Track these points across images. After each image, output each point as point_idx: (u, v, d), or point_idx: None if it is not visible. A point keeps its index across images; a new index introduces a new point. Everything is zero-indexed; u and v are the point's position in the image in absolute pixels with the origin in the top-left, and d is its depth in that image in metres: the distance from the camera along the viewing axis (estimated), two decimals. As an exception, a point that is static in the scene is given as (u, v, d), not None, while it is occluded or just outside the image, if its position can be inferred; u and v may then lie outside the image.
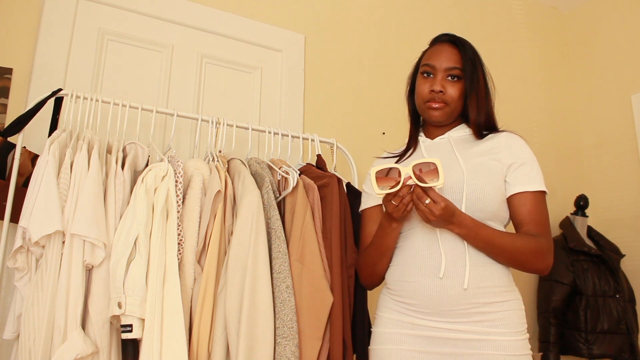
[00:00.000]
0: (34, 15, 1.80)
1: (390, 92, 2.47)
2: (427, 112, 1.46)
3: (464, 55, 1.45)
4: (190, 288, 1.41)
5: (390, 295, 1.41)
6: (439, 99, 1.43)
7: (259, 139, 1.99)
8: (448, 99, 1.43)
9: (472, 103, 1.45)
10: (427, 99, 1.45)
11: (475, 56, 1.48)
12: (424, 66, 1.49)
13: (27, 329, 1.24)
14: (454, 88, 1.44)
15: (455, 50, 1.47)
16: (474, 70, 1.45)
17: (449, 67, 1.44)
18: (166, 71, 2.01)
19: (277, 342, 1.40)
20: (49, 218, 1.26)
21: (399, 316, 1.36)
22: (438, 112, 1.44)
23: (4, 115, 1.68)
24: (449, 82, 1.44)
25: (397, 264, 1.41)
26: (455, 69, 1.44)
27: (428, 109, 1.45)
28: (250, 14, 2.21)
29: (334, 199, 1.60)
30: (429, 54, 1.50)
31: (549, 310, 2.39)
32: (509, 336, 1.27)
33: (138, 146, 1.53)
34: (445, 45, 1.49)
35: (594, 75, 3.02)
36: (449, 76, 1.44)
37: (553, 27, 3.17)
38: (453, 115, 1.47)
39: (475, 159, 1.40)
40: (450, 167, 1.39)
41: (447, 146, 1.46)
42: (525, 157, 1.41)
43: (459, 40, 1.49)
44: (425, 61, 1.49)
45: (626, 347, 2.36)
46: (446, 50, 1.47)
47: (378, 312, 1.45)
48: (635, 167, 2.72)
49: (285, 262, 1.48)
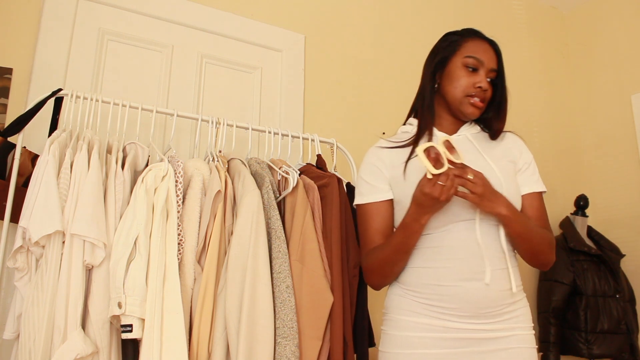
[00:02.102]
0: (34, 15, 1.80)
1: (390, 92, 2.47)
2: (466, 107, 1.40)
3: (501, 61, 1.44)
4: (190, 288, 1.41)
5: (416, 299, 1.32)
6: (483, 96, 1.40)
7: (259, 139, 1.99)
8: (486, 99, 1.42)
9: (502, 108, 1.44)
10: (471, 93, 1.39)
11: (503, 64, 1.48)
12: (469, 58, 1.41)
13: (27, 329, 1.24)
14: (490, 90, 1.42)
15: (495, 53, 1.45)
16: (504, 77, 1.45)
17: (492, 69, 1.41)
18: (166, 71, 2.01)
19: (277, 342, 1.40)
20: (49, 218, 1.26)
21: (429, 320, 1.29)
22: (478, 111, 1.41)
23: (4, 115, 1.68)
24: (488, 84, 1.41)
25: (430, 266, 1.32)
26: (495, 72, 1.42)
27: (469, 105, 1.40)
28: (250, 14, 2.21)
29: (334, 199, 1.61)
30: (475, 48, 1.43)
31: (549, 310, 2.39)
32: (527, 330, 1.35)
33: (138, 146, 1.53)
34: (487, 44, 1.45)
35: (594, 75, 3.02)
36: (488, 77, 1.41)
37: (553, 27, 3.17)
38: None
39: (502, 162, 1.40)
40: (481, 169, 1.31)
41: (469, 144, 1.43)
42: (530, 159, 1.45)
43: (496, 44, 1.47)
44: (472, 54, 1.41)
45: (626, 347, 2.36)
46: (490, 50, 1.44)
47: (398, 316, 1.35)
48: (635, 167, 2.72)
49: (285, 262, 1.48)
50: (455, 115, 1.45)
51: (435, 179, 1.20)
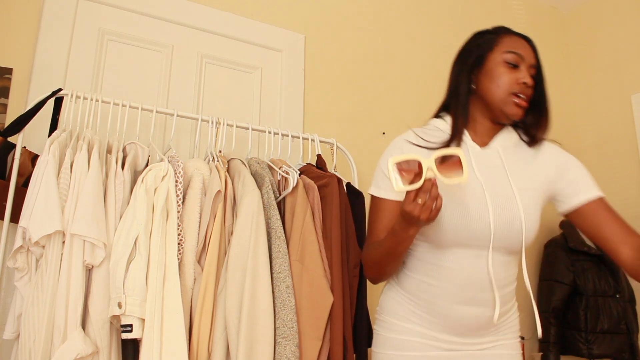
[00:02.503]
0: (34, 15, 1.80)
1: (390, 92, 2.47)
2: (510, 107, 1.28)
3: (537, 55, 1.33)
4: (190, 288, 1.41)
5: (412, 307, 1.31)
6: (527, 95, 1.28)
7: (259, 139, 1.99)
8: (529, 96, 1.29)
9: (544, 109, 1.33)
10: (515, 90, 1.27)
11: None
12: (509, 53, 1.29)
13: (27, 329, 1.24)
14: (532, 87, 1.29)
15: (532, 48, 1.33)
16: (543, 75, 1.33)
17: (532, 64, 1.30)
18: (166, 71, 2.01)
19: (277, 342, 1.40)
20: (49, 218, 1.26)
21: (421, 329, 1.29)
22: (522, 110, 1.28)
23: (4, 115, 1.68)
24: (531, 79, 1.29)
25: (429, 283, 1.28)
26: (536, 67, 1.31)
27: (513, 104, 1.27)
28: (250, 14, 2.21)
29: (334, 199, 1.60)
30: (513, 43, 1.32)
31: (549, 310, 2.39)
32: (514, 339, 1.34)
33: (138, 146, 1.53)
34: (523, 39, 1.34)
35: (594, 75, 3.02)
36: (530, 73, 1.30)
37: (553, 27, 3.17)
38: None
39: (528, 185, 1.28)
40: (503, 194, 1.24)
41: (497, 160, 1.30)
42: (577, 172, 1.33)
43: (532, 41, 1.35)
44: (512, 49, 1.30)
45: (626, 347, 2.36)
46: (528, 46, 1.32)
47: (392, 319, 1.33)
48: (635, 167, 2.72)
49: (285, 262, 1.48)
50: (494, 118, 1.32)
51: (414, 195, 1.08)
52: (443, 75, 2.82)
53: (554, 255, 2.50)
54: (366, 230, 1.40)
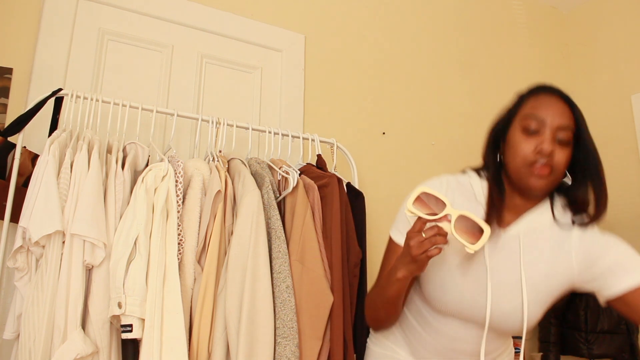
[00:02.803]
0: (34, 15, 1.80)
1: (391, 92, 2.48)
2: (529, 180, 1.11)
3: (578, 115, 1.14)
4: (190, 288, 1.41)
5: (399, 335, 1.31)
6: (548, 163, 1.09)
7: (259, 139, 1.99)
8: (556, 165, 1.10)
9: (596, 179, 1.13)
10: (531, 161, 1.10)
11: (584, 119, 1.17)
12: (527, 118, 1.13)
13: (27, 329, 1.24)
14: (562, 153, 1.10)
15: (566, 106, 1.14)
16: (587, 134, 1.14)
17: (561, 126, 1.11)
18: (166, 71, 2.01)
19: (277, 342, 1.40)
20: (49, 218, 1.26)
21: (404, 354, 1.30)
22: (543, 182, 1.10)
23: (4, 115, 1.68)
24: (558, 145, 1.11)
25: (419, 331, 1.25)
26: (568, 129, 1.11)
27: (531, 176, 1.10)
28: (250, 14, 2.21)
29: (334, 199, 1.60)
30: (534, 104, 1.15)
31: (549, 310, 2.39)
32: None
33: (138, 146, 1.53)
34: (555, 97, 1.16)
35: (594, 75, 3.02)
36: (557, 138, 1.11)
37: (553, 27, 3.17)
38: (551, 189, 1.14)
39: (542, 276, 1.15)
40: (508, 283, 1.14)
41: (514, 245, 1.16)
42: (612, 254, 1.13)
43: (568, 96, 1.17)
44: (532, 111, 1.14)
45: (626, 347, 2.36)
46: (557, 104, 1.14)
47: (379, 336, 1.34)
48: (635, 167, 2.72)
49: (286, 262, 1.48)
50: (525, 194, 1.16)
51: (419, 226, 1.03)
52: (443, 75, 2.83)
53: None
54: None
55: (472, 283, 1.16)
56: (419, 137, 2.50)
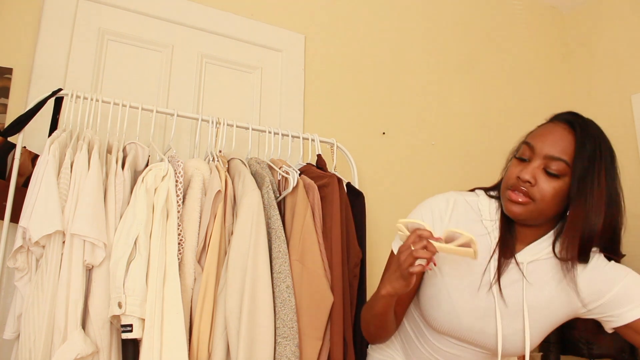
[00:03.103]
0: (34, 15, 1.80)
1: (391, 92, 2.47)
2: (505, 204, 1.11)
3: (580, 146, 1.06)
4: (190, 288, 1.41)
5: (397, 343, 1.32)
6: (525, 190, 1.07)
7: (259, 139, 1.99)
8: (536, 194, 1.06)
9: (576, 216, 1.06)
10: (510, 185, 1.09)
11: (598, 150, 1.07)
12: (523, 145, 1.13)
13: (27, 329, 1.24)
14: (548, 184, 1.06)
15: (570, 135, 1.07)
16: (589, 169, 1.06)
17: (550, 155, 1.06)
18: (166, 71, 2.01)
19: (277, 342, 1.40)
20: (49, 218, 1.26)
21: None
22: (518, 208, 1.07)
23: (4, 115, 1.67)
24: (545, 175, 1.07)
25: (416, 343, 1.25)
26: (559, 160, 1.06)
27: (507, 200, 1.10)
28: (250, 14, 2.21)
29: (334, 199, 1.60)
30: (535, 132, 1.14)
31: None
32: None
33: (138, 146, 1.53)
34: (560, 125, 1.10)
35: (594, 75, 3.02)
36: (546, 167, 1.07)
37: (553, 27, 3.17)
38: (539, 217, 1.10)
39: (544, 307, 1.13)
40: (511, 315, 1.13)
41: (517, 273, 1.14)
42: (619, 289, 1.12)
43: (582, 124, 1.09)
44: (527, 139, 1.13)
45: (626, 347, 2.36)
46: (557, 132, 1.09)
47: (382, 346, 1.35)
48: (635, 167, 2.72)
49: (286, 262, 1.47)
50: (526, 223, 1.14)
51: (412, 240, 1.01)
52: (443, 75, 2.83)
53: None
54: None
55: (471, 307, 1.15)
56: (419, 137, 2.50)
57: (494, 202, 1.19)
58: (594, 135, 1.09)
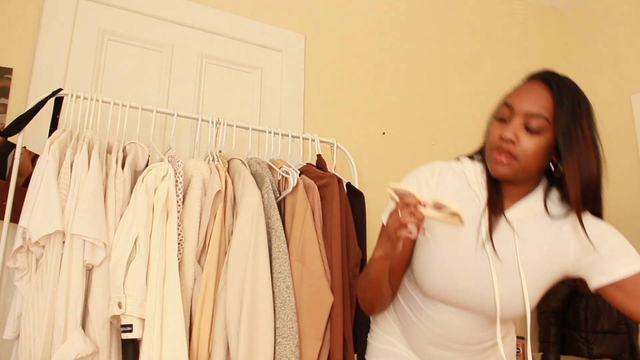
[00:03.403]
0: (34, 15, 1.80)
1: (391, 92, 2.48)
2: (490, 165, 1.13)
3: (558, 101, 1.08)
4: (190, 288, 1.41)
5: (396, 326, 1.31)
6: (507, 150, 1.09)
7: (259, 139, 1.99)
8: (519, 153, 1.08)
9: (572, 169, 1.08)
10: (494, 146, 1.12)
11: (576, 103, 1.11)
12: (502, 105, 1.15)
13: (27, 329, 1.24)
14: (530, 141, 1.08)
15: (546, 91, 1.11)
16: (570, 123, 1.08)
17: (530, 112, 1.08)
18: (166, 71, 2.01)
19: (277, 342, 1.40)
20: (49, 218, 1.26)
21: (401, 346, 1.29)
22: (503, 169, 1.10)
23: (4, 115, 1.68)
24: (526, 132, 1.08)
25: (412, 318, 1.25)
26: (538, 116, 1.08)
27: (492, 162, 1.12)
28: (250, 14, 2.21)
29: (334, 199, 1.60)
30: (512, 92, 1.17)
31: (549, 310, 2.39)
32: None
33: (138, 146, 1.53)
34: (536, 83, 1.14)
35: (594, 75, 3.02)
36: (527, 125, 1.08)
37: (553, 27, 3.17)
38: (524, 175, 1.12)
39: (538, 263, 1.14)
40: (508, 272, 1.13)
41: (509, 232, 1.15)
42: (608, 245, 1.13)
43: (557, 80, 1.13)
44: (505, 99, 1.15)
45: (626, 347, 2.36)
46: (533, 90, 1.12)
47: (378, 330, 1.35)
48: (635, 167, 2.72)
49: (286, 262, 1.47)
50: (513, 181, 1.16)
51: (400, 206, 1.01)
52: (443, 75, 2.82)
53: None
54: None
55: (465, 267, 1.14)
56: (419, 137, 2.50)
57: (478, 165, 1.21)
58: (571, 90, 1.12)
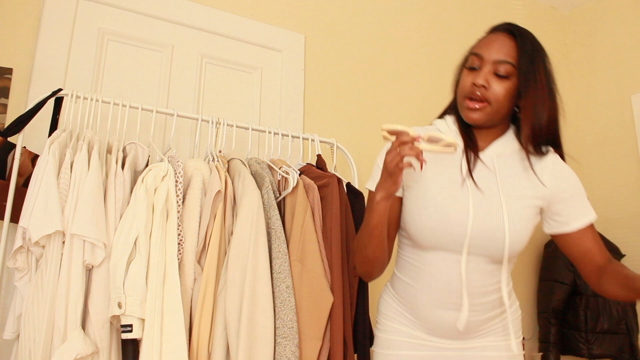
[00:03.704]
0: (34, 15, 1.80)
1: (391, 92, 2.47)
2: (464, 112, 1.24)
3: (521, 48, 1.20)
4: (190, 288, 1.41)
5: (399, 309, 1.33)
6: (481, 95, 1.20)
7: (259, 139, 1.99)
8: (491, 96, 1.20)
9: (527, 108, 1.21)
10: (467, 93, 1.22)
11: (536, 51, 1.23)
12: (470, 56, 1.25)
13: (27, 329, 1.24)
14: (500, 85, 1.20)
15: (510, 41, 1.22)
16: (530, 68, 1.20)
17: (497, 60, 1.20)
18: (166, 71, 2.01)
19: (277, 342, 1.40)
20: (49, 218, 1.26)
21: (409, 330, 1.31)
22: (477, 114, 1.21)
23: (4, 115, 1.68)
24: (496, 78, 1.20)
25: (411, 285, 1.29)
26: (505, 62, 1.19)
27: (466, 109, 1.23)
28: (250, 14, 2.21)
29: (334, 199, 1.60)
30: (479, 43, 1.26)
31: (549, 311, 2.39)
32: (509, 340, 1.30)
33: (138, 146, 1.53)
34: (500, 34, 1.24)
35: (594, 75, 3.02)
36: (496, 71, 1.20)
37: (553, 27, 3.17)
38: (495, 118, 1.23)
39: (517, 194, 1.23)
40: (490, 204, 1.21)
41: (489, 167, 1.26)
42: (574, 190, 1.26)
43: (518, 30, 1.24)
44: (473, 50, 1.26)
45: (626, 347, 2.36)
46: (499, 40, 1.22)
47: (383, 320, 1.37)
48: (635, 167, 2.72)
49: (285, 262, 1.48)
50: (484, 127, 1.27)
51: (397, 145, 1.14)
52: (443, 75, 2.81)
53: (554, 255, 2.50)
54: None
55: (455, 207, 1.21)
56: (419, 137, 2.50)
57: (449, 118, 1.32)
58: (531, 40, 1.24)
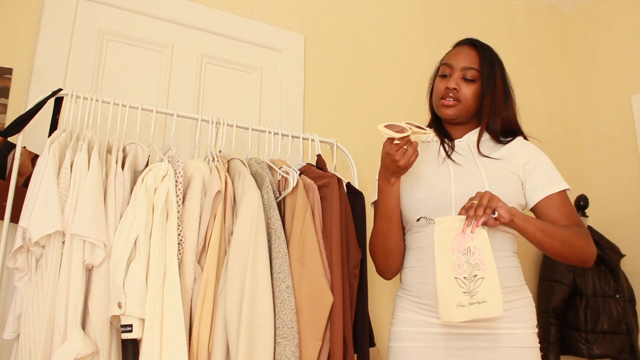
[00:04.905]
0: (34, 15, 1.80)
1: (390, 92, 2.47)
2: (440, 110, 1.53)
3: (483, 57, 1.50)
4: (190, 288, 1.41)
5: (407, 296, 1.46)
6: (453, 96, 1.49)
7: (259, 139, 1.99)
8: (461, 97, 1.49)
9: (486, 105, 1.50)
10: (441, 95, 1.51)
11: (494, 59, 1.53)
12: (442, 66, 1.55)
13: (27, 329, 1.24)
14: (468, 88, 1.49)
15: (473, 51, 1.52)
16: (490, 73, 1.49)
17: (465, 67, 1.49)
18: (166, 71, 2.01)
19: (277, 342, 1.40)
20: (49, 218, 1.26)
21: (416, 315, 1.41)
22: (451, 110, 1.50)
23: (4, 115, 1.68)
24: (464, 82, 1.49)
25: (414, 265, 1.45)
26: (471, 69, 1.49)
27: (441, 106, 1.51)
28: (250, 14, 2.21)
29: (334, 199, 1.60)
30: (448, 55, 1.58)
31: (549, 310, 2.39)
32: (521, 330, 1.35)
33: (138, 146, 1.53)
34: (465, 46, 1.55)
35: (594, 75, 3.02)
36: (464, 77, 1.49)
37: (553, 27, 3.17)
38: (466, 114, 1.52)
39: (493, 164, 1.45)
40: (469, 172, 1.44)
41: (467, 148, 1.52)
42: (539, 162, 1.46)
43: (480, 43, 1.55)
44: (444, 61, 1.57)
45: (626, 347, 2.36)
46: (464, 51, 1.53)
47: (395, 313, 1.50)
48: (635, 167, 2.72)
49: (285, 262, 1.47)
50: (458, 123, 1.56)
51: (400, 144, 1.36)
52: (443, 75, 2.76)
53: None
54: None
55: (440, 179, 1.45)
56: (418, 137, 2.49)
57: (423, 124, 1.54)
58: (489, 50, 1.55)
